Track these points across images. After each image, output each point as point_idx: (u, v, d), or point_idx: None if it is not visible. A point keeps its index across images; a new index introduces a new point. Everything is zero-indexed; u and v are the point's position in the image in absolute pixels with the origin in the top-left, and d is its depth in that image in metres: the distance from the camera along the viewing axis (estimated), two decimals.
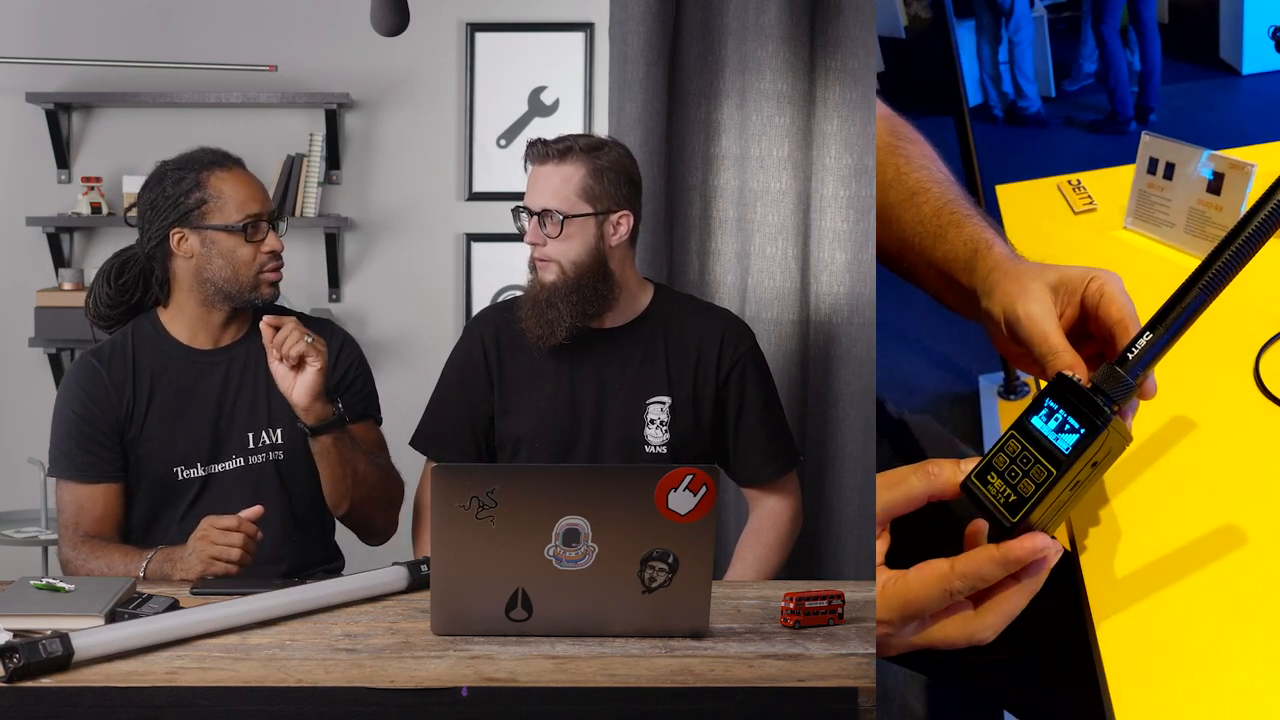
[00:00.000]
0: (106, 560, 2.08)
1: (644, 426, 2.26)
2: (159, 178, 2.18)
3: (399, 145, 3.85)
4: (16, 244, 3.81)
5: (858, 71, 2.92)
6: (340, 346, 2.29)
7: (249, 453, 2.20)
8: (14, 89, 3.75)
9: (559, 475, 1.79)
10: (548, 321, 2.22)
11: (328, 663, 1.57)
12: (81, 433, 2.16)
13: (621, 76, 2.96)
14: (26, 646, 1.48)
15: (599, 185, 2.21)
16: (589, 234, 2.21)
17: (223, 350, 2.22)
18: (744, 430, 2.30)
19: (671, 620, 1.66)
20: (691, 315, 2.33)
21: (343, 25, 3.69)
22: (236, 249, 2.15)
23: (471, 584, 1.64)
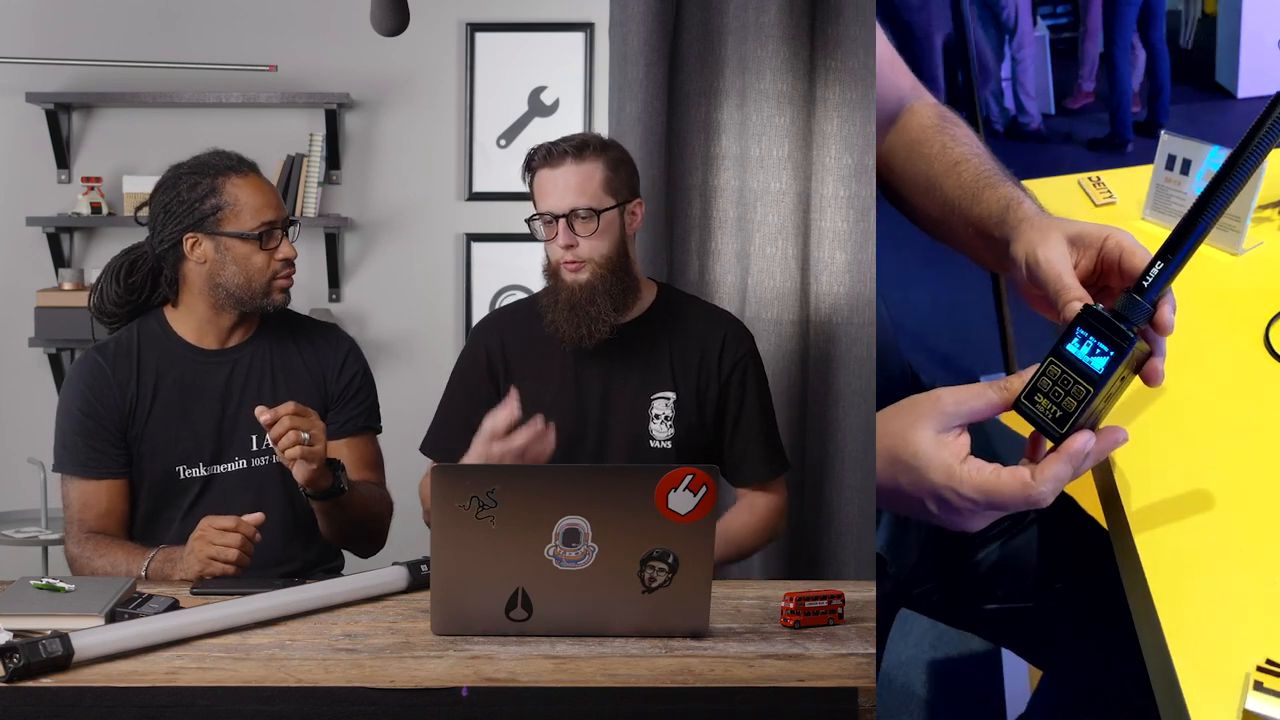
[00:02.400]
0: (110, 558, 2.08)
1: (649, 421, 2.26)
2: (174, 180, 2.17)
3: (399, 145, 3.85)
4: (16, 244, 3.81)
5: (858, 71, 2.92)
6: (345, 355, 2.29)
7: (251, 454, 2.20)
8: (14, 89, 3.75)
9: (559, 475, 1.79)
10: (589, 319, 2.20)
11: (328, 663, 1.57)
12: (86, 429, 2.16)
13: (621, 76, 2.96)
14: (26, 646, 1.48)
15: (618, 177, 2.23)
16: (616, 226, 2.23)
17: (229, 351, 2.22)
18: (742, 431, 2.30)
19: (671, 620, 1.66)
20: (695, 314, 2.35)
21: (343, 25, 3.69)
22: (251, 256, 2.15)
23: (471, 584, 1.64)
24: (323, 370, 2.26)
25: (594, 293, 2.21)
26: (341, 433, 2.26)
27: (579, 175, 2.20)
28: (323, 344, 2.28)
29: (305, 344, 2.27)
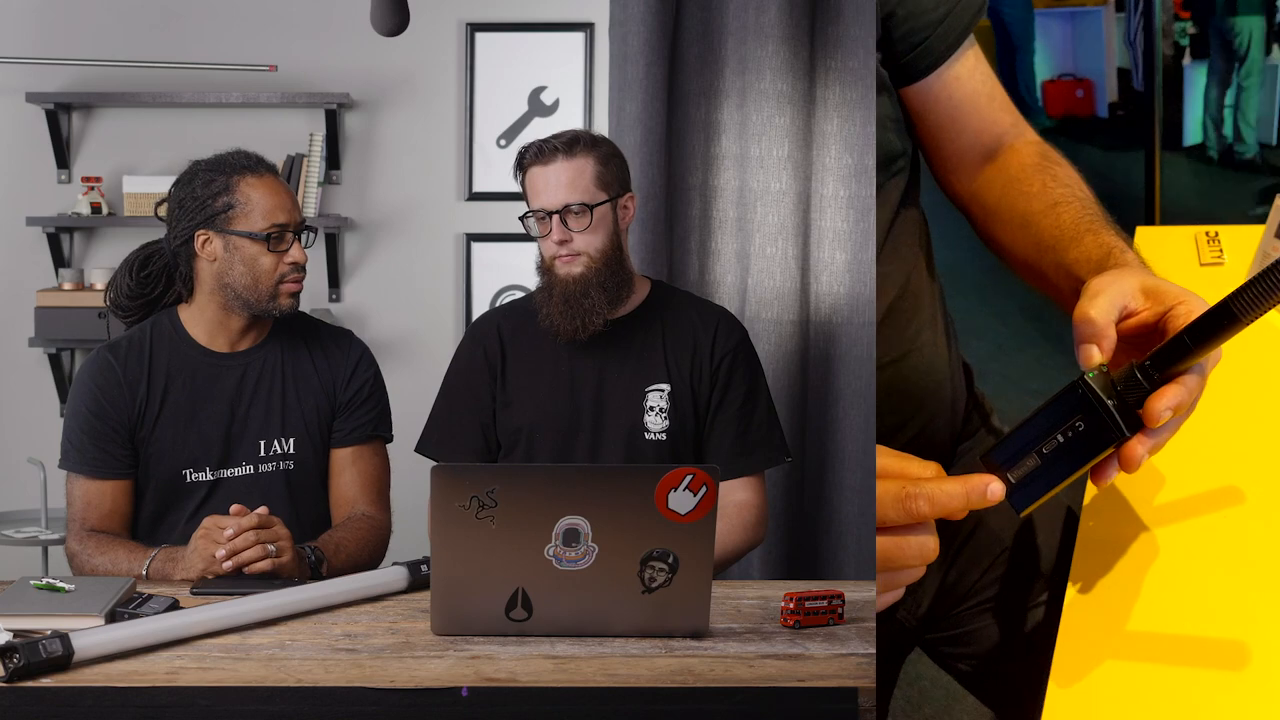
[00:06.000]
0: (111, 556, 2.08)
1: (644, 414, 2.26)
2: (190, 177, 2.18)
3: (399, 145, 3.85)
4: (16, 244, 3.81)
5: (858, 71, 2.92)
6: (356, 362, 2.28)
7: (259, 460, 2.20)
8: (14, 89, 3.75)
9: (559, 475, 1.79)
10: (583, 312, 2.21)
11: (328, 663, 1.57)
12: (94, 428, 2.15)
13: (621, 76, 2.96)
14: (26, 646, 1.48)
15: (609, 172, 2.24)
16: (609, 220, 2.24)
17: (239, 355, 2.22)
18: (719, 421, 2.28)
19: (671, 620, 1.66)
20: (688, 307, 2.35)
21: (343, 25, 3.69)
22: (259, 257, 2.15)
23: (471, 584, 1.64)
24: (333, 376, 2.26)
25: (588, 285, 2.21)
26: (348, 440, 2.25)
27: (570, 171, 2.21)
28: (334, 350, 2.28)
29: (317, 350, 2.26)
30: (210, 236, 2.15)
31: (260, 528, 1.96)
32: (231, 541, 1.94)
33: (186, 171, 2.20)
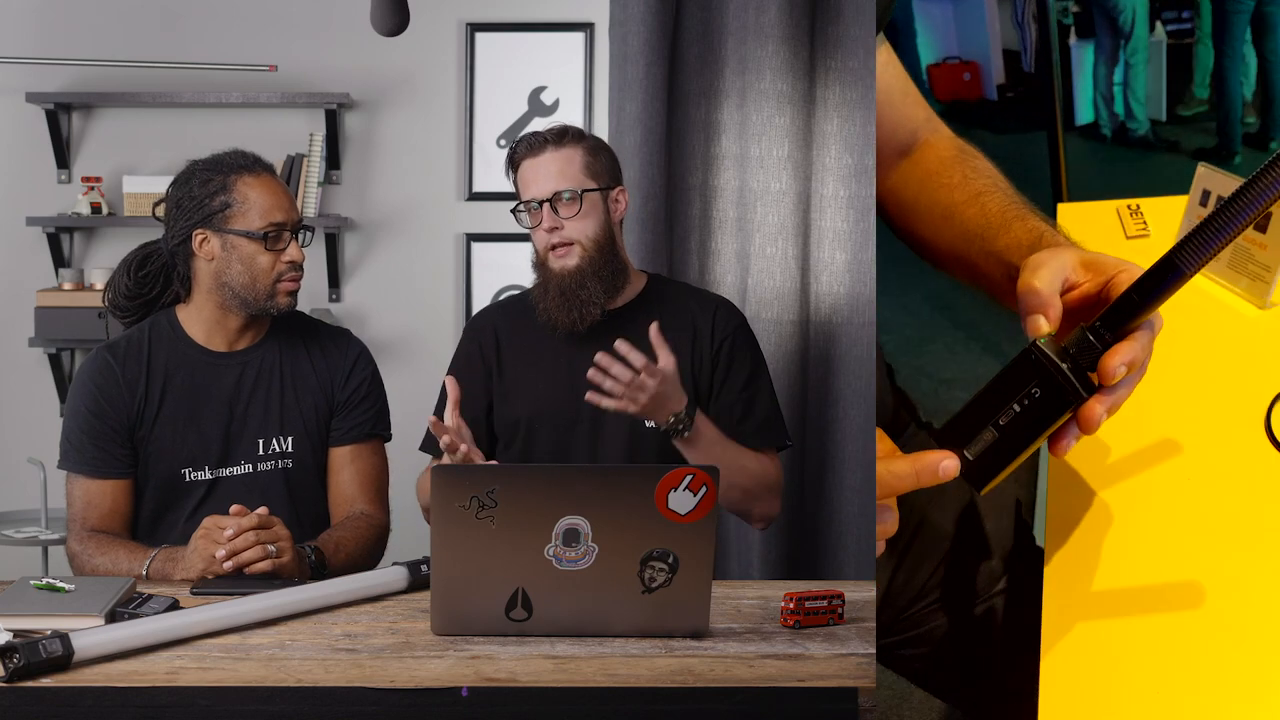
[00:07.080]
0: (111, 556, 2.08)
1: None
2: (188, 176, 2.18)
3: (399, 145, 3.85)
4: (16, 244, 3.81)
5: (858, 71, 2.92)
6: (354, 361, 2.28)
7: (258, 459, 2.20)
8: (14, 89, 3.75)
9: (559, 475, 1.79)
10: (580, 304, 2.22)
11: (328, 663, 1.57)
12: (93, 428, 2.16)
13: (621, 76, 2.96)
14: (26, 646, 1.48)
15: (598, 163, 2.26)
16: (600, 210, 2.26)
17: (238, 354, 2.22)
18: (722, 404, 2.29)
19: (671, 620, 1.66)
20: (686, 296, 2.37)
21: (343, 25, 3.69)
22: (256, 256, 2.15)
23: (471, 584, 1.64)
24: (331, 375, 2.26)
25: (583, 276, 2.23)
26: (346, 439, 2.26)
27: (559, 160, 2.23)
28: (333, 349, 2.28)
29: (315, 349, 2.27)
30: (208, 236, 2.16)
31: (260, 528, 1.96)
32: (231, 542, 1.94)
33: (184, 171, 2.20)
